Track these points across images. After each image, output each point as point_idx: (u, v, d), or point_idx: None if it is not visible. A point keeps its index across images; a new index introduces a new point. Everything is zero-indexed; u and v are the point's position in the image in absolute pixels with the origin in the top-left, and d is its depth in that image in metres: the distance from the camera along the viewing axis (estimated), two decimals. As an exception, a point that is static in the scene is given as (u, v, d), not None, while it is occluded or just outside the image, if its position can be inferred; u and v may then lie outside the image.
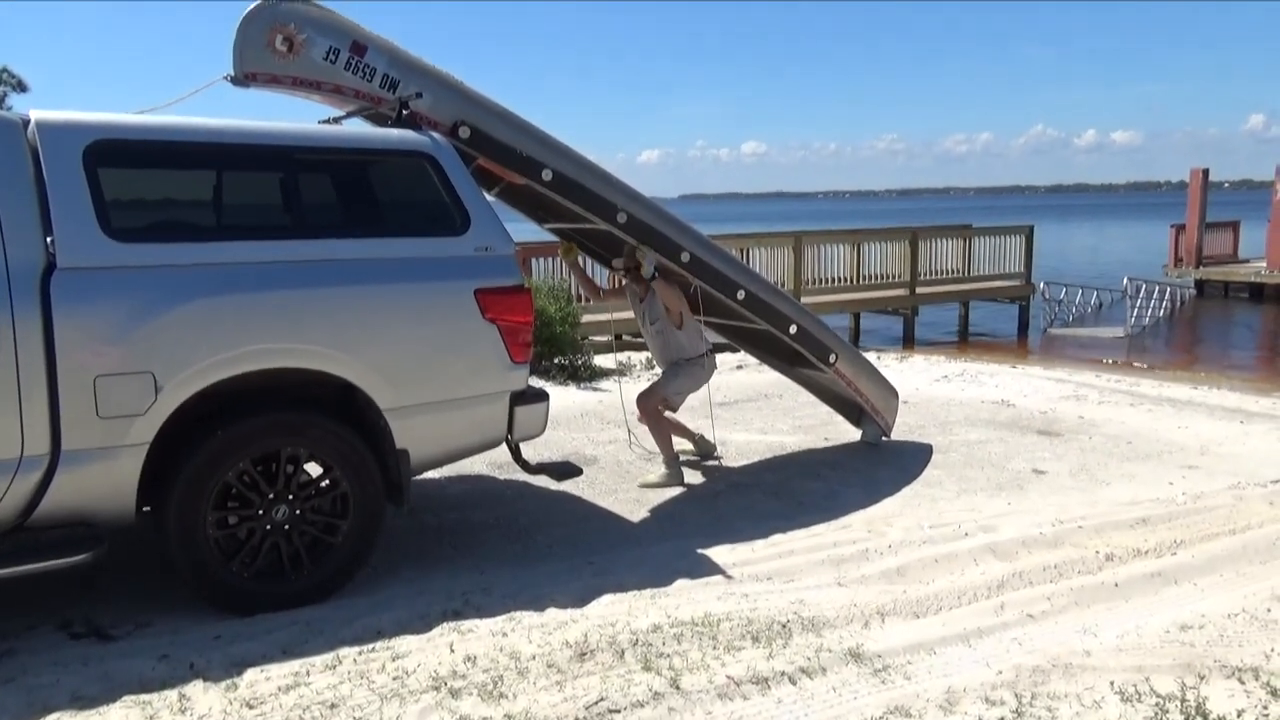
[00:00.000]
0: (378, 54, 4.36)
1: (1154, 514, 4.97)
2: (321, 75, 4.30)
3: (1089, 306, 18.91)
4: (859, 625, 3.52)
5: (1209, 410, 7.99)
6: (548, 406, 4.40)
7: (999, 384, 9.07)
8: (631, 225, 5.11)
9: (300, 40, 4.19)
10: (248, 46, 4.14)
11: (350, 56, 4.31)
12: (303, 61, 4.24)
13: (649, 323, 5.74)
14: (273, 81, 4.24)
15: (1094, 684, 3.04)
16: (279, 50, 4.18)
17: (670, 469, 5.66)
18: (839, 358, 5.99)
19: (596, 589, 3.90)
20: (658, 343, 5.78)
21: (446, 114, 4.51)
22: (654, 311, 5.67)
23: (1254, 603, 3.79)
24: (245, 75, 4.17)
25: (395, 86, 4.40)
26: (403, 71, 4.41)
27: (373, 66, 4.36)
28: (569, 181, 4.85)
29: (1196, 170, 22.04)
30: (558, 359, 9.06)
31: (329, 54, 4.28)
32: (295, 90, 4.34)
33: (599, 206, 4.99)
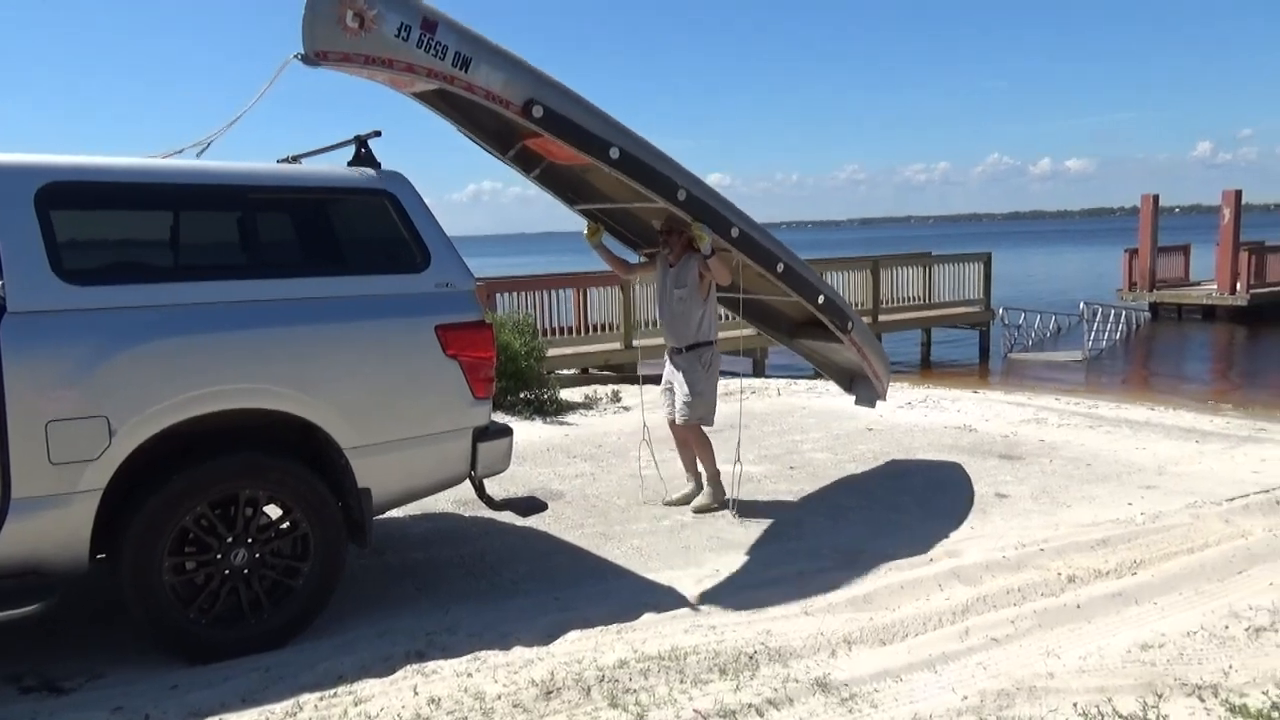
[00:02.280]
0: (448, 31, 4.21)
1: (1114, 535, 5.04)
2: (394, 53, 4.11)
3: (1047, 331, 19.23)
4: (826, 654, 3.53)
5: (1165, 431, 8.13)
6: (511, 442, 4.38)
7: (961, 409, 9.17)
8: (690, 202, 5.13)
9: (371, 16, 4.01)
10: (318, 23, 3.92)
11: (422, 34, 4.15)
12: (375, 38, 4.05)
13: (674, 288, 5.64)
14: (344, 60, 4.01)
15: (1057, 706, 3.06)
16: (350, 27, 3.98)
17: (715, 486, 5.74)
18: (854, 326, 6.19)
19: (563, 625, 3.87)
20: (677, 310, 5.67)
21: (518, 93, 4.40)
22: (683, 277, 5.60)
23: (1212, 620, 3.84)
24: (316, 54, 3.95)
25: (467, 65, 4.26)
26: (473, 49, 4.28)
27: (444, 44, 4.20)
28: (634, 160, 4.82)
29: (1147, 196, 22.61)
30: (523, 393, 9.03)
31: (400, 30, 4.10)
32: (367, 69, 4.15)
33: (661, 184, 4.98)
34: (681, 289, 5.62)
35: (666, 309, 5.74)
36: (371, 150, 4.19)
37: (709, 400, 5.75)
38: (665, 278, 5.71)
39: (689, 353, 5.71)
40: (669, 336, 5.80)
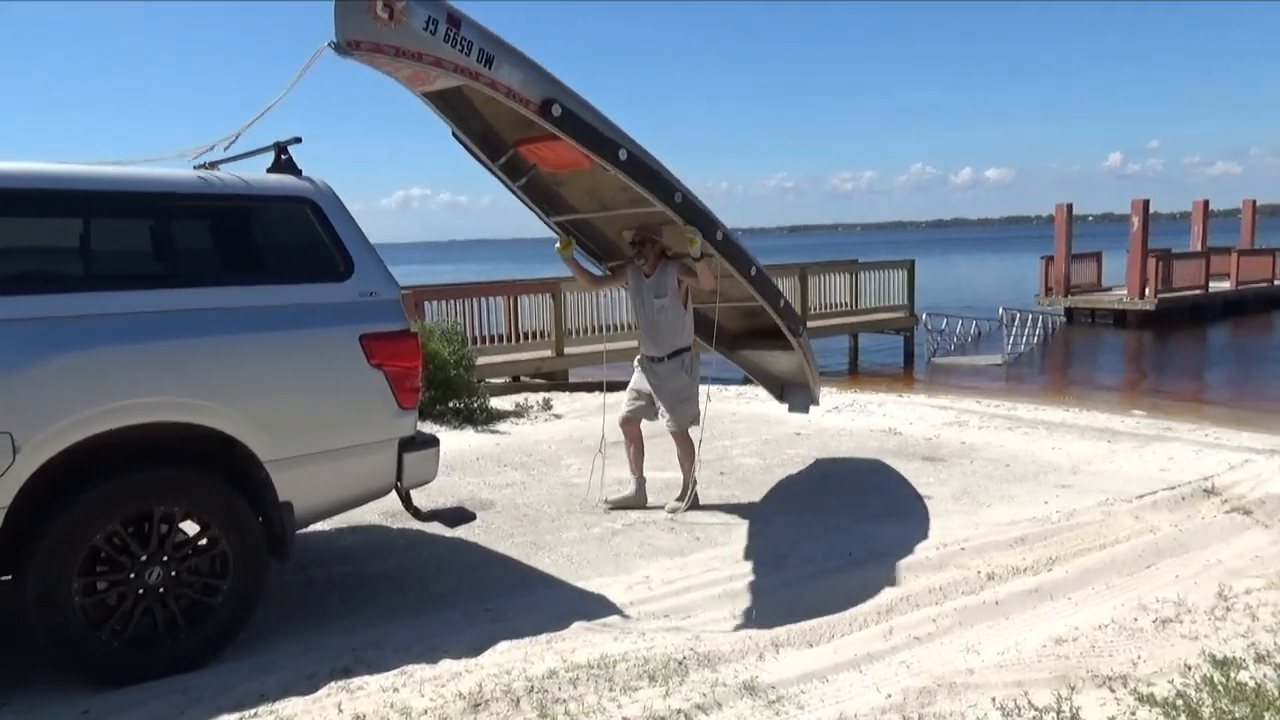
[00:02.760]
0: (470, 27, 4.18)
1: (1031, 533, 5.20)
2: (423, 46, 4.06)
3: (969, 336, 19.77)
4: (754, 658, 3.56)
5: (1080, 431, 8.43)
6: (438, 452, 4.33)
7: (887, 413, 9.37)
8: (684, 205, 5.21)
9: (400, 8, 3.93)
10: (350, 12, 3.85)
11: (448, 28, 4.09)
12: (404, 30, 3.97)
13: (655, 297, 5.76)
14: (375, 50, 3.94)
15: (977, 701, 3.15)
16: (380, 17, 3.90)
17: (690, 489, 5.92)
18: (804, 331, 6.44)
19: (492, 636, 3.83)
20: (659, 320, 5.79)
21: (536, 92, 4.40)
22: (663, 286, 5.73)
23: (1122, 613, 4.00)
24: (349, 43, 3.87)
25: (491, 62, 4.23)
26: (495, 48, 4.26)
27: (469, 39, 4.17)
28: (640, 162, 4.88)
29: (1061, 205, 23.44)
30: (453, 402, 8.94)
31: (428, 24, 4.04)
32: (397, 61, 4.06)
33: (661, 187, 5.05)
34: (662, 298, 5.74)
35: (647, 318, 5.84)
36: (292, 157, 4.12)
37: (696, 403, 5.97)
38: (643, 287, 5.81)
39: (671, 360, 5.84)
40: (650, 345, 5.90)
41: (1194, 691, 3.11)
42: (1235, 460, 7.06)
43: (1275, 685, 3.14)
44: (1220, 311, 23.38)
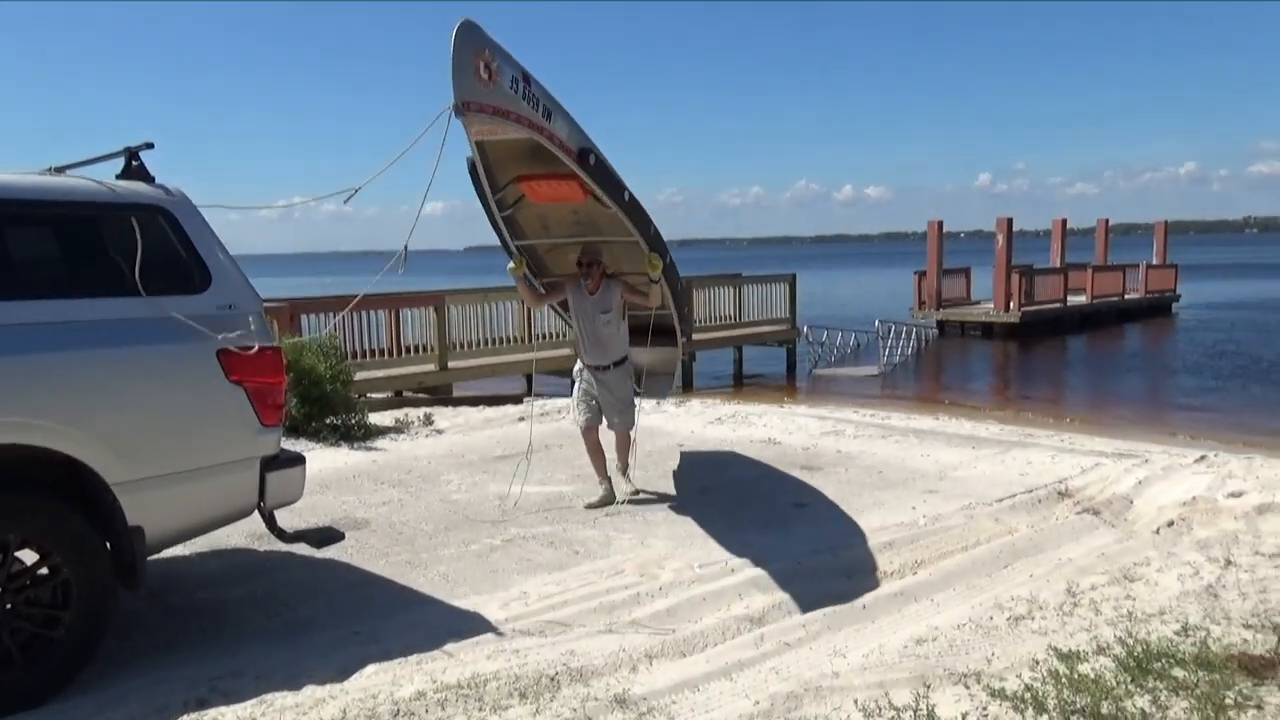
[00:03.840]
0: (535, 84, 4.30)
1: (899, 537, 5.39)
2: (511, 104, 4.13)
3: (848, 347, 20.43)
4: (627, 670, 3.57)
5: (947, 439, 8.79)
6: (304, 470, 4.19)
7: (767, 424, 9.55)
8: (655, 237, 5.86)
9: (495, 67, 4.01)
10: (463, 74, 3.89)
11: (524, 86, 4.20)
12: (499, 90, 4.06)
13: (601, 312, 6.24)
14: (480, 111, 4.02)
15: (841, 704, 3.23)
16: (482, 78, 3.96)
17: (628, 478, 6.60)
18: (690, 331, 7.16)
19: (360, 659, 3.72)
20: (604, 333, 6.28)
21: (575, 143, 4.73)
22: (608, 302, 6.24)
23: (979, 612, 4.18)
24: (463, 104, 3.91)
25: (550, 116, 4.40)
26: (550, 102, 4.41)
27: (536, 96, 4.28)
28: (636, 202, 5.48)
29: (934, 222, 24.52)
30: (329, 418, 8.66)
31: (513, 82, 4.13)
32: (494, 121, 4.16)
33: (643, 222, 5.66)
34: (608, 313, 6.26)
35: (591, 331, 6.31)
36: (144, 163, 3.92)
37: (634, 405, 6.69)
38: (587, 304, 6.27)
39: (616, 368, 6.40)
40: (595, 356, 6.37)
41: (1041, 685, 3.28)
42: (1087, 464, 7.49)
43: (1113, 675, 3.34)
44: (1078, 323, 24.87)
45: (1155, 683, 3.28)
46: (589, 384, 6.43)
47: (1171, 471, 7.09)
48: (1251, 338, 22.74)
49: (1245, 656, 3.47)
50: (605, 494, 6.42)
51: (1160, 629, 3.82)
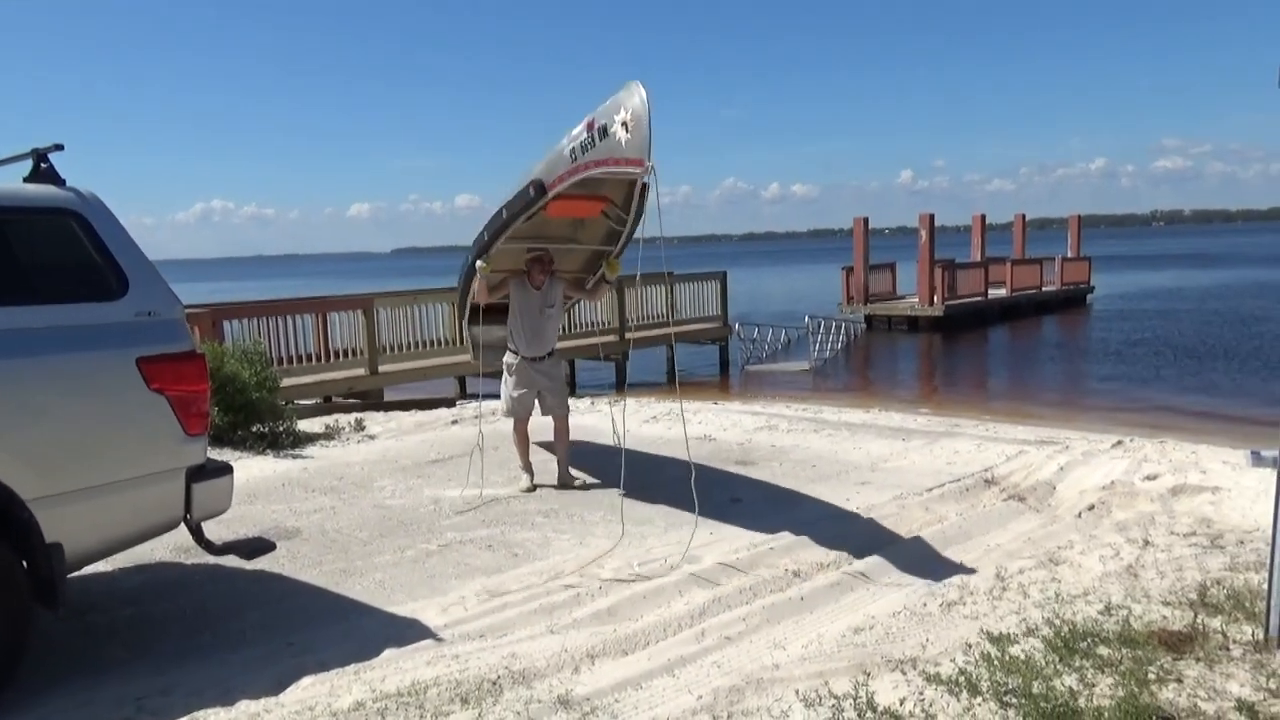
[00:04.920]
0: None
1: (834, 529, 5.48)
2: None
3: (779, 344, 20.68)
4: (569, 671, 3.55)
5: (878, 431, 8.97)
6: (232, 480, 4.08)
7: (702, 420, 9.62)
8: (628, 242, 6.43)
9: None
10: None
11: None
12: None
13: (546, 306, 6.60)
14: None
15: (782, 695, 3.27)
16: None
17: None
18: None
19: (295, 671, 3.63)
20: (545, 326, 6.66)
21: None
22: (552, 297, 6.64)
23: (913, 600, 4.27)
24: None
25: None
26: None
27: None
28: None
29: (859, 219, 24.98)
30: (255, 426, 8.44)
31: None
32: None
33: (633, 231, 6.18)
34: (552, 307, 6.67)
35: (534, 324, 6.61)
36: (53, 165, 3.77)
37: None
38: (534, 299, 6.58)
39: (551, 358, 6.81)
40: (535, 347, 6.66)
41: (974, 668, 3.36)
42: (1011, 452, 7.72)
43: (1042, 656, 3.44)
44: (999, 316, 25.60)
45: (1082, 661, 3.39)
46: (524, 376, 6.67)
47: (1091, 457, 7.35)
48: (1162, 326, 23.71)
49: (1165, 632, 3.61)
50: (531, 482, 6.81)
51: (1085, 609, 3.95)
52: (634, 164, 4.54)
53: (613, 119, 4.55)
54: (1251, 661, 3.37)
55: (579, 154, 4.90)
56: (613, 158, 4.65)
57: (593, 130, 4.72)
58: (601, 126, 4.65)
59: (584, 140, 4.83)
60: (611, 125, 4.57)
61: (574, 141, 4.93)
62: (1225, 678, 3.24)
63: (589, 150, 4.81)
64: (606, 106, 4.64)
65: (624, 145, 4.52)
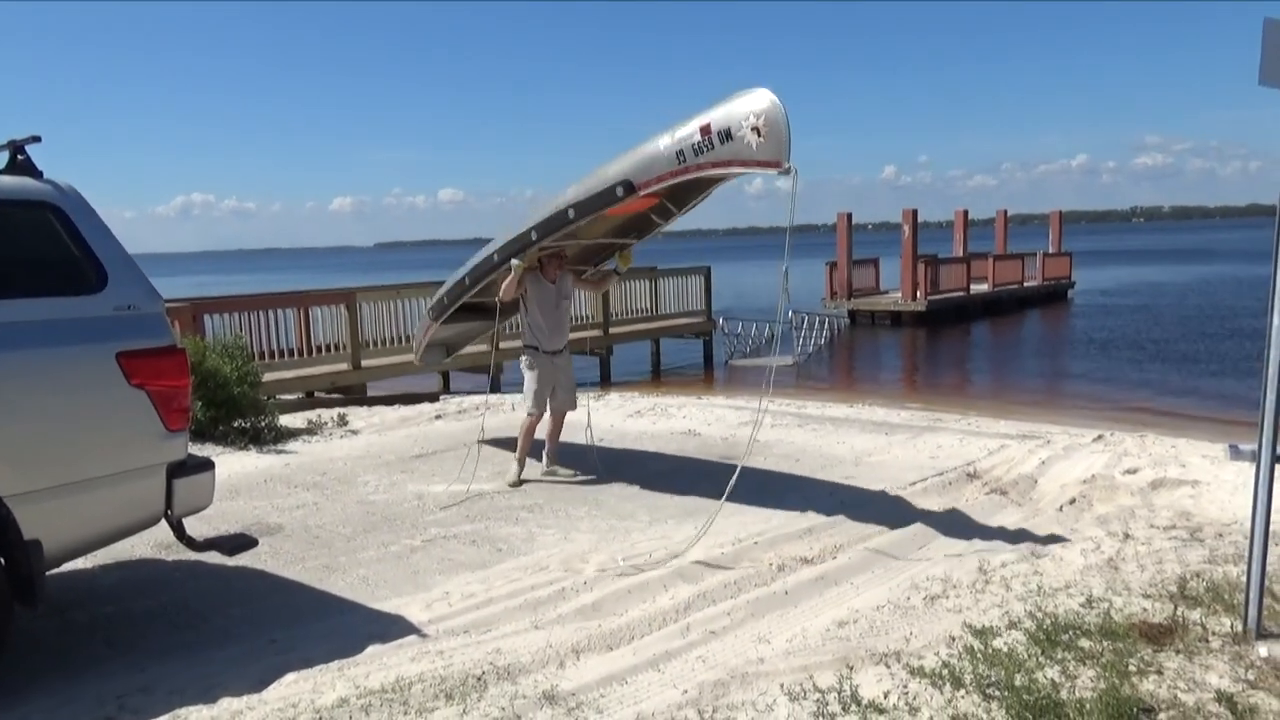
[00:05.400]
0: None
1: (818, 523, 5.50)
2: None
3: (763, 338, 20.72)
4: (554, 666, 3.55)
5: (862, 426, 9.00)
6: (213, 476, 4.04)
7: (686, 415, 9.63)
8: None
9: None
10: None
11: None
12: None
13: (562, 299, 6.73)
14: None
15: (767, 689, 3.27)
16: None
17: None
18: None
19: (278, 668, 3.61)
20: (562, 319, 6.78)
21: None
22: (566, 290, 6.76)
23: (898, 593, 4.29)
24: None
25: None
26: None
27: None
28: None
29: (843, 214, 25.06)
30: (237, 422, 8.38)
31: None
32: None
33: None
34: (567, 299, 6.81)
35: (553, 318, 6.68)
36: (30, 157, 3.72)
37: None
38: (549, 293, 6.65)
39: (566, 349, 6.86)
40: (556, 340, 6.73)
41: (957, 661, 3.38)
42: (993, 446, 7.77)
43: (1024, 648, 3.47)
44: (981, 311, 25.75)
45: (1064, 653, 3.42)
46: (547, 371, 6.72)
47: (1072, 451, 7.41)
48: (1142, 321, 23.92)
49: (1145, 625, 3.65)
50: (520, 476, 6.80)
51: (1067, 602, 3.98)
52: (770, 165, 4.77)
53: (739, 124, 4.77)
54: (1230, 653, 3.40)
55: (690, 156, 5.04)
56: (740, 159, 4.86)
57: (709, 134, 4.90)
58: (723, 130, 4.84)
59: (698, 143, 4.97)
60: (737, 129, 4.78)
61: (682, 144, 5.06)
62: (1204, 669, 3.28)
63: (705, 152, 4.97)
64: (726, 111, 4.85)
65: (755, 148, 4.77)
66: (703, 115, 4.97)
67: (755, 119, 4.72)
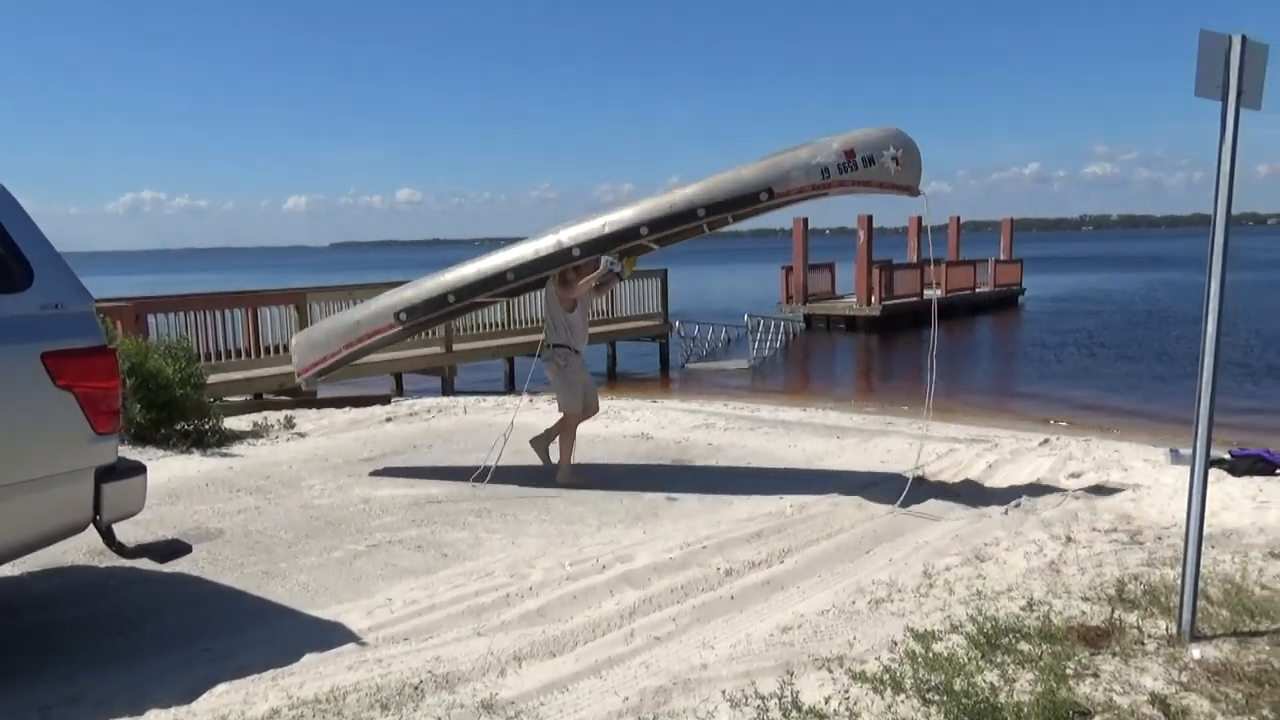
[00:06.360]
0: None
1: (767, 527, 5.50)
2: None
3: (719, 342, 20.79)
4: (495, 674, 3.49)
5: (814, 429, 9.05)
6: (145, 480, 3.91)
7: (640, 418, 9.61)
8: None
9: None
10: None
11: None
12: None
13: (588, 305, 6.89)
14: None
15: (709, 695, 3.25)
16: None
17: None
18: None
19: (211, 678, 3.51)
20: (586, 324, 6.86)
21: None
22: (588, 297, 6.81)
23: (842, 598, 4.30)
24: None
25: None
26: None
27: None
28: None
29: (798, 219, 25.21)
30: (179, 424, 8.18)
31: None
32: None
33: None
34: (588, 305, 6.92)
35: (584, 319, 6.83)
36: None
37: None
38: (585, 306, 6.86)
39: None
40: (584, 343, 6.86)
41: (899, 665, 3.39)
42: (942, 450, 7.86)
43: (965, 652, 3.49)
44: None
45: (1003, 657, 3.44)
46: (583, 371, 6.84)
47: (1018, 455, 7.52)
48: (1091, 326, 24.40)
49: (1084, 628, 3.69)
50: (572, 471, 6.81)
51: (1008, 605, 4.01)
52: (905, 189, 5.97)
53: (880, 152, 5.86)
54: (1165, 655, 3.45)
55: (834, 172, 5.93)
56: (878, 180, 5.94)
57: (854, 158, 5.89)
58: (866, 156, 5.88)
59: (841, 163, 5.91)
60: (879, 157, 5.86)
61: (826, 161, 5.93)
62: (1140, 672, 3.32)
63: (850, 171, 5.92)
64: (867, 140, 5.92)
65: (894, 173, 5.90)
66: (841, 141, 5.94)
67: (896, 150, 5.87)
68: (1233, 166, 3.54)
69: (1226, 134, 3.54)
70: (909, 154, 5.90)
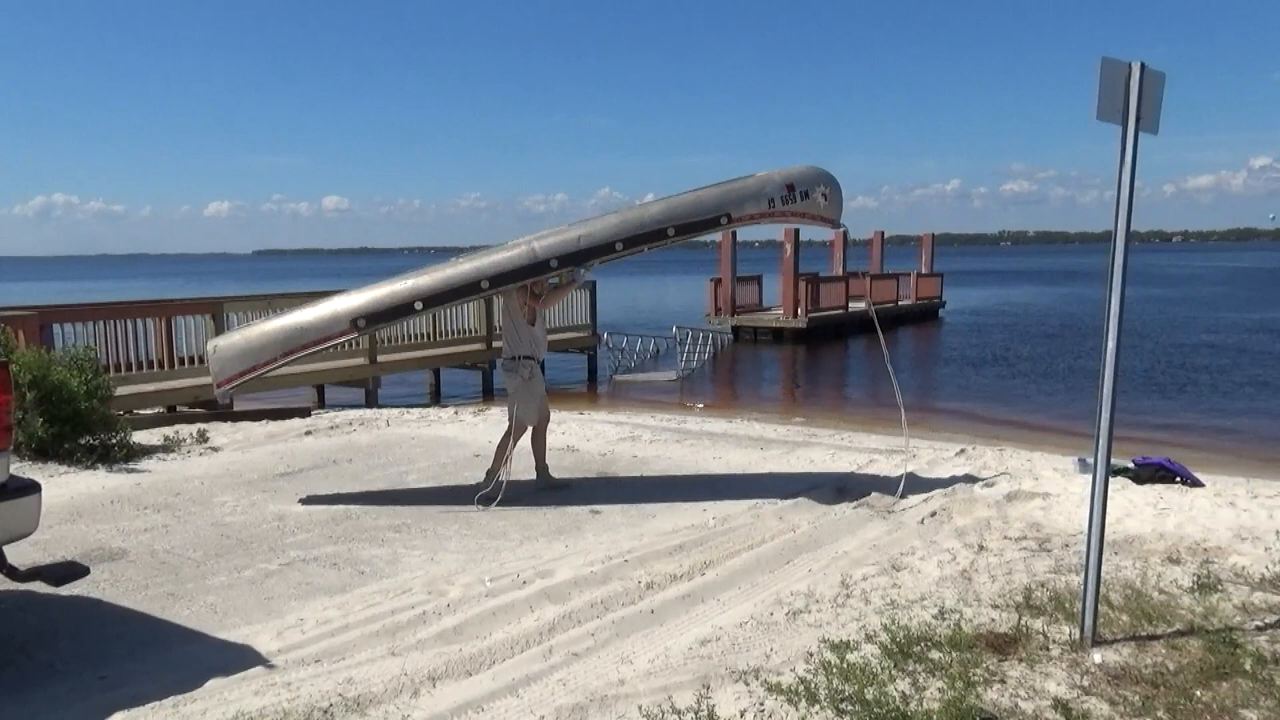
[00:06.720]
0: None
1: (689, 540, 5.51)
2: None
3: (648, 353, 20.83)
4: (408, 695, 3.42)
5: (738, 441, 9.12)
6: (39, 499, 3.75)
7: (566, 431, 9.55)
8: None
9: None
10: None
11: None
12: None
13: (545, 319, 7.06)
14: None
15: (625, 711, 3.24)
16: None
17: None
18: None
19: (105, 707, 3.37)
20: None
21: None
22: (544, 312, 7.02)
23: (761, 609, 4.33)
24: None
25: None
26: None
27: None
28: None
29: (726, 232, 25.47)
30: (85, 439, 7.86)
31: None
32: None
33: None
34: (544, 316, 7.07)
35: (542, 331, 6.97)
36: None
37: None
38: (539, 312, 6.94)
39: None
40: (544, 353, 7.02)
41: (814, 676, 3.42)
42: (862, 461, 7.99)
43: (878, 662, 3.54)
44: (858, 328, 26.55)
45: (915, 665, 3.50)
46: (540, 380, 6.91)
47: (935, 465, 7.68)
48: (1006, 339, 25.15)
49: (992, 635, 3.78)
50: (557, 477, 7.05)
51: (920, 614, 4.09)
52: (829, 221, 6.78)
53: (814, 188, 6.59)
54: (1068, 660, 3.56)
55: (778, 203, 6.54)
56: (810, 213, 6.67)
57: (794, 191, 6.55)
58: (803, 190, 6.56)
59: (784, 195, 6.54)
60: (812, 192, 6.59)
61: (772, 193, 6.54)
62: (1044, 677, 3.41)
63: (790, 203, 6.56)
64: (804, 176, 6.61)
65: (822, 205, 6.64)
66: (782, 175, 6.58)
67: (825, 187, 6.62)
68: (1132, 187, 3.68)
69: (1126, 156, 3.68)
70: (834, 191, 6.66)
